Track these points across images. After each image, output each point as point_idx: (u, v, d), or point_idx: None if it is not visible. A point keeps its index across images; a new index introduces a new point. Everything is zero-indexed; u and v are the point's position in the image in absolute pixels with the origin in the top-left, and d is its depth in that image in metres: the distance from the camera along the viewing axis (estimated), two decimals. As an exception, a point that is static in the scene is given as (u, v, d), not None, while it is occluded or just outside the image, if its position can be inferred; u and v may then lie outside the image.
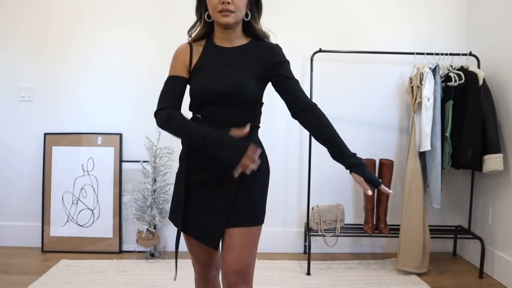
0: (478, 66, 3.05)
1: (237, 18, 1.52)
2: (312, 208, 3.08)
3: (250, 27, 1.60)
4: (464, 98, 2.90)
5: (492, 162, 2.79)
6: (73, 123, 3.30)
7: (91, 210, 3.27)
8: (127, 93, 3.29)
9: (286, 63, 1.60)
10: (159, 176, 3.15)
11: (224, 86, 1.50)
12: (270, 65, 1.56)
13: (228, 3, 1.48)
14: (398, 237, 2.97)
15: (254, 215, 1.56)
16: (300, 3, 3.27)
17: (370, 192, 1.56)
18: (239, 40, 1.60)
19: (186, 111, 1.60)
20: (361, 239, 3.37)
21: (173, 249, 1.74)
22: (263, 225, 1.65)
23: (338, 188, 3.35)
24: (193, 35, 1.65)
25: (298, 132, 3.31)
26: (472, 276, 2.96)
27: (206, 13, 1.59)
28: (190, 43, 1.64)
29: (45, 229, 3.25)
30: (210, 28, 1.62)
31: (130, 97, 3.29)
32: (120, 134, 3.29)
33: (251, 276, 1.57)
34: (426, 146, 2.84)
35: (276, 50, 1.59)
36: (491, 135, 2.81)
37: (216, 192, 1.54)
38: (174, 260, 2.00)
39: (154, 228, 3.17)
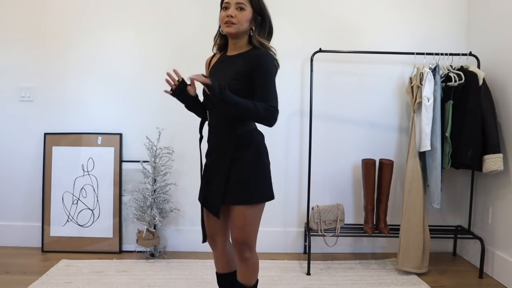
0: (478, 66, 3.05)
1: (238, 29, 1.85)
2: (312, 208, 3.08)
3: (253, 40, 1.91)
4: (464, 98, 2.90)
5: (492, 162, 2.79)
6: (73, 123, 3.30)
7: (91, 210, 3.27)
8: (127, 93, 3.29)
9: (260, 70, 1.84)
10: (159, 176, 3.15)
11: None
12: (252, 69, 1.84)
13: (232, 16, 1.83)
14: (398, 237, 2.97)
15: (246, 195, 1.87)
16: (300, 3, 3.27)
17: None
18: (243, 49, 1.92)
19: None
20: (361, 239, 3.37)
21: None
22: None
23: (338, 188, 3.35)
24: (217, 42, 2.01)
25: (298, 132, 3.31)
26: (472, 276, 2.96)
27: (221, 28, 1.94)
28: (214, 54, 2.06)
29: (45, 229, 3.26)
30: (227, 40, 1.97)
31: (130, 97, 3.29)
32: (120, 134, 3.29)
33: (254, 242, 1.96)
34: (426, 146, 2.84)
35: (260, 58, 1.86)
36: (491, 135, 2.81)
37: (215, 175, 1.93)
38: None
39: (154, 228, 3.17)
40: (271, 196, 1.94)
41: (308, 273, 2.92)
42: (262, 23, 1.91)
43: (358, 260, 3.21)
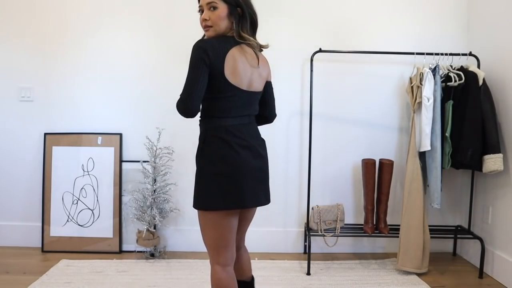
0: (478, 66, 3.05)
1: (216, 31, 1.76)
2: (312, 208, 3.08)
3: (235, 35, 1.79)
4: (464, 98, 2.90)
5: (492, 162, 2.79)
6: (73, 123, 3.30)
7: (91, 210, 3.27)
8: (127, 93, 3.29)
9: None
10: (159, 176, 3.15)
11: None
12: None
13: (206, 20, 1.75)
14: (398, 237, 2.97)
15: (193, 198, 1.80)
16: (301, 3, 3.27)
17: None
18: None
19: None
20: (361, 239, 3.37)
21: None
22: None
23: (338, 188, 3.35)
24: None
25: (298, 132, 3.31)
26: (472, 276, 2.96)
27: None
28: None
29: (45, 229, 3.25)
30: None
31: (130, 97, 3.29)
32: (120, 134, 3.29)
33: (209, 252, 1.81)
34: (426, 146, 2.84)
35: None
36: (491, 135, 2.81)
37: None
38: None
39: (154, 228, 3.17)
40: (203, 206, 1.75)
41: (308, 273, 2.92)
42: (242, 14, 1.76)
43: (358, 260, 3.21)
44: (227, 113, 1.75)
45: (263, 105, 1.94)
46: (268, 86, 1.93)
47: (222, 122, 1.74)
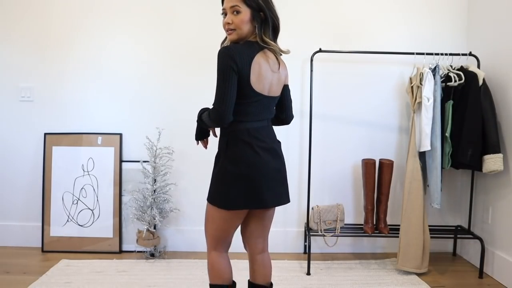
0: (478, 66, 3.05)
1: (239, 34, 1.78)
2: (312, 208, 3.08)
3: (258, 40, 1.81)
4: (464, 98, 2.90)
5: (492, 162, 2.79)
6: (73, 123, 3.30)
7: (91, 210, 3.27)
8: (127, 93, 3.29)
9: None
10: (159, 176, 3.15)
11: None
12: None
13: (229, 23, 1.77)
14: (398, 237, 2.97)
15: (208, 192, 1.87)
16: (300, 3, 3.27)
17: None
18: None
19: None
20: (361, 239, 3.37)
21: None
22: None
23: (338, 188, 3.35)
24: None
25: (298, 133, 3.31)
26: (472, 276, 2.96)
27: None
28: None
29: (45, 229, 3.26)
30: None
31: (130, 97, 3.29)
32: (120, 134, 3.29)
33: (208, 240, 1.93)
34: (426, 146, 2.84)
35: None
36: (491, 135, 2.81)
37: None
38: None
39: (154, 228, 3.17)
40: (223, 205, 1.80)
41: (308, 273, 2.92)
42: (265, 19, 1.80)
43: (358, 260, 3.21)
44: (249, 117, 1.79)
45: (281, 108, 2.00)
46: (285, 89, 1.97)
47: (244, 126, 1.79)
